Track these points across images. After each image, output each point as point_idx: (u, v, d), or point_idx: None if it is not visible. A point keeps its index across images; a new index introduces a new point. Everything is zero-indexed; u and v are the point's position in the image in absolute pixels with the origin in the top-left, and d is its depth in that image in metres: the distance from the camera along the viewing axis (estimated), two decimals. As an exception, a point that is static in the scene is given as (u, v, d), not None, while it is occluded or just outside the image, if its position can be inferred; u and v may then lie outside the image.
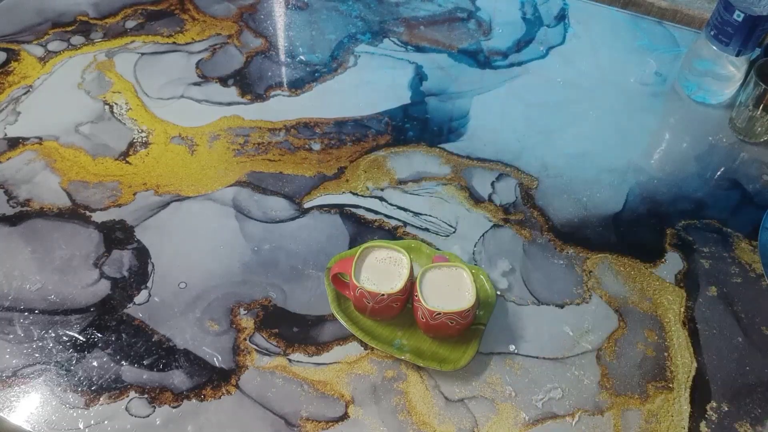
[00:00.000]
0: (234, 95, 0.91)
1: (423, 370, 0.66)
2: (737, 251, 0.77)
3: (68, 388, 0.64)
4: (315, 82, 0.94)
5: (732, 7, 0.83)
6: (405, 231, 0.77)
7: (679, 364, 0.68)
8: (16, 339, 0.67)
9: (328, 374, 0.66)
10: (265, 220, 0.78)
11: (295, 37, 1.00)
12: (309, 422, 0.62)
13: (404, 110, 0.91)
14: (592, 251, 0.77)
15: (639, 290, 0.73)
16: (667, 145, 0.90)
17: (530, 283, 0.74)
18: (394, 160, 0.85)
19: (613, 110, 0.93)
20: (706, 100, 0.94)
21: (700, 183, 0.84)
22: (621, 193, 0.83)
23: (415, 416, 0.63)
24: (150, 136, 0.86)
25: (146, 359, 0.66)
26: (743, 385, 0.67)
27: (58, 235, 0.75)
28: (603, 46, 1.01)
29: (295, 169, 0.83)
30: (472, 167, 0.84)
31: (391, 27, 1.02)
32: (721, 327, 0.71)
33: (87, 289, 0.71)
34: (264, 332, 0.68)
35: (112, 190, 0.80)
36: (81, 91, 0.91)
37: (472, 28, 1.03)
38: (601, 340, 0.69)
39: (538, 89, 0.95)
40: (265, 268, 0.73)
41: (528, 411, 0.64)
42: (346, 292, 0.68)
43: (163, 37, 0.99)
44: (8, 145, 0.84)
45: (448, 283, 0.65)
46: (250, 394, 0.64)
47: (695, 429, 0.64)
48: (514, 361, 0.67)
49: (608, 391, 0.66)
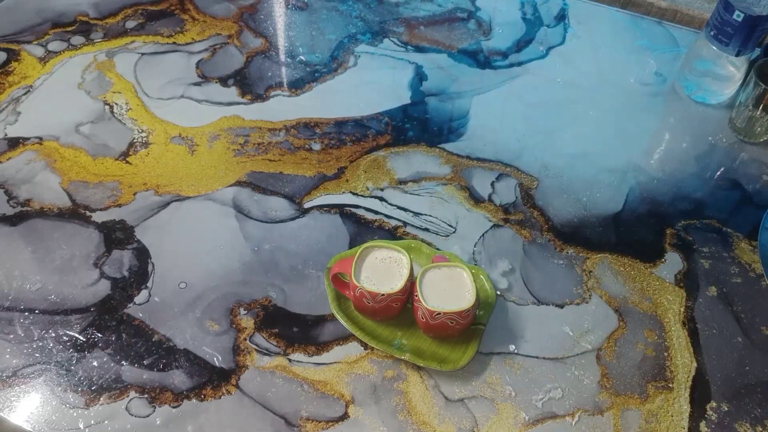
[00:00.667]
0: (234, 95, 0.91)
1: (423, 370, 0.66)
2: (737, 251, 0.77)
3: (68, 388, 0.64)
4: (315, 82, 0.94)
5: (732, 7, 0.83)
6: (405, 231, 0.77)
7: (679, 364, 0.68)
8: (16, 339, 0.67)
9: (328, 374, 0.66)
10: (265, 220, 0.78)
11: (295, 37, 1.00)
12: (309, 422, 0.62)
13: (404, 110, 0.91)
14: (592, 251, 0.77)
15: (639, 290, 0.73)
16: (667, 145, 0.90)
17: (530, 283, 0.74)
18: (394, 160, 0.85)
19: (613, 110, 0.93)
20: (706, 100, 0.94)
21: (700, 183, 0.84)
22: (621, 193, 0.83)
23: (415, 416, 0.63)
24: (150, 136, 0.86)
25: (146, 359, 0.66)
26: (743, 385, 0.67)
27: (59, 235, 0.75)
28: (603, 46, 1.01)
29: (295, 169, 0.83)
30: (472, 167, 0.84)
31: (391, 27, 1.02)
32: (721, 327, 0.71)
33: (87, 289, 0.71)
34: (264, 332, 0.68)
35: (113, 190, 0.80)
36: (81, 91, 0.91)
37: (472, 28, 1.03)
38: (601, 340, 0.69)
39: (538, 89, 0.95)
40: (265, 268, 0.73)
41: (528, 411, 0.64)
42: (346, 292, 0.68)
43: (164, 37, 0.99)
44: (8, 145, 0.84)
45: (448, 283, 0.65)
46: (250, 394, 0.64)
47: (695, 429, 0.64)
48: (514, 361, 0.67)
49: (608, 391, 0.66)
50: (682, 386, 0.66)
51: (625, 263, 0.76)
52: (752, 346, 0.70)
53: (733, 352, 0.69)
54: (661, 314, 0.72)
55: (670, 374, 0.67)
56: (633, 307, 0.72)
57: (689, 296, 0.73)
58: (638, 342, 0.69)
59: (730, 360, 0.68)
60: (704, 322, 0.71)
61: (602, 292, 0.73)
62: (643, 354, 0.68)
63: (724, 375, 0.67)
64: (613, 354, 0.68)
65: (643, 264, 0.76)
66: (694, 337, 0.70)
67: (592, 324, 0.70)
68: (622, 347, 0.69)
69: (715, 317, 0.72)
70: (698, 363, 0.68)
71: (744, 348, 0.69)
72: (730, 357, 0.69)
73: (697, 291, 0.74)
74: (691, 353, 0.69)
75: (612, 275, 0.75)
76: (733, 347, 0.69)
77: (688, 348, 0.69)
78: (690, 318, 0.71)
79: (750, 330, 0.71)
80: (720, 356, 0.69)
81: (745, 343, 0.70)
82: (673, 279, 0.75)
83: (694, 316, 0.72)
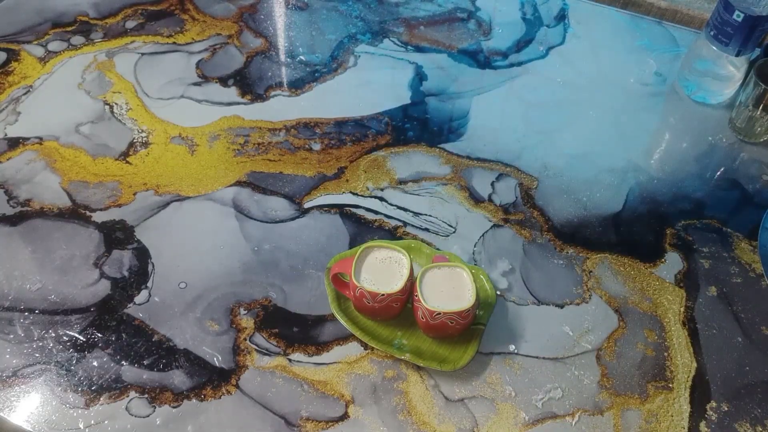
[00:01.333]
0: (234, 95, 0.91)
1: (423, 370, 0.66)
2: (737, 251, 0.77)
3: (68, 388, 0.64)
4: (315, 82, 0.94)
5: (732, 7, 0.83)
6: (405, 231, 0.77)
7: (678, 363, 0.68)
8: (16, 339, 0.67)
9: (328, 374, 0.66)
10: (265, 220, 0.78)
11: (295, 37, 1.00)
12: (309, 422, 0.62)
13: (404, 110, 0.91)
14: (591, 251, 0.77)
15: (639, 290, 0.73)
16: (667, 145, 0.90)
17: (530, 283, 0.74)
18: (394, 160, 0.85)
19: (613, 110, 0.93)
20: (706, 100, 0.94)
21: (700, 183, 0.84)
22: (621, 193, 0.83)
23: (415, 416, 0.63)
24: (150, 136, 0.86)
25: (146, 359, 0.66)
26: (743, 385, 0.67)
27: (59, 235, 0.75)
28: (603, 46, 1.01)
29: (295, 169, 0.83)
30: (472, 167, 0.84)
31: (391, 27, 1.02)
32: (721, 327, 0.71)
33: (87, 289, 0.71)
34: (264, 332, 0.68)
35: (112, 190, 0.80)
36: (81, 91, 0.91)
37: (472, 28, 1.03)
38: (601, 340, 0.69)
39: (538, 89, 0.95)
40: (265, 268, 0.73)
41: (528, 411, 0.64)
42: (346, 292, 0.68)
43: (163, 37, 0.99)
44: (8, 145, 0.84)
45: (448, 283, 0.65)
46: (250, 394, 0.64)
47: (695, 429, 0.64)
48: (514, 361, 0.67)
49: (608, 391, 0.66)
50: (682, 386, 0.66)
51: (625, 263, 0.76)
52: (752, 346, 0.70)
53: (733, 352, 0.69)
54: (661, 314, 0.72)
55: (670, 374, 0.67)
56: (633, 307, 0.72)
57: (689, 296, 0.73)
58: (638, 342, 0.69)
59: (730, 360, 0.68)
60: (704, 322, 0.71)
61: (602, 292, 0.73)
62: (643, 354, 0.68)
63: (724, 375, 0.67)
64: (613, 354, 0.68)
65: (643, 264, 0.76)
66: (694, 337, 0.70)
67: (592, 324, 0.70)
68: (622, 347, 0.69)
69: (715, 317, 0.72)
70: (698, 363, 0.68)
71: (744, 348, 0.69)
72: (730, 357, 0.69)
73: (697, 291, 0.74)
74: (691, 353, 0.69)
75: (612, 275, 0.75)
76: (733, 347, 0.69)
77: (688, 348, 0.69)
78: (690, 318, 0.71)
79: (750, 330, 0.71)
80: (720, 356, 0.69)
81: (745, 343, 0.70)
82: (673, 279, 0.75)
83: (694, 316, 0.72)
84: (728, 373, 0.67)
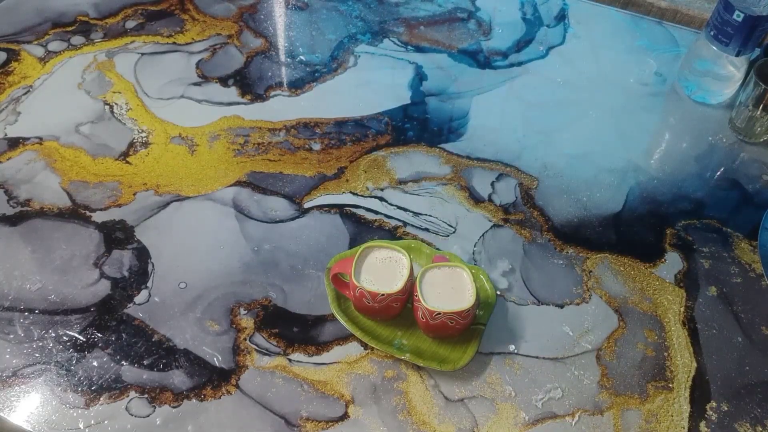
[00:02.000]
0: (234, 95, 0.91)
1: (423, 370, 0.66)
2: (737, 251, 0.77)
3: (68, 388, 0.64)
4: (315, 82, 0.94)
5: (732, 7, 0.83)
6: (405, 231, 0.77)
7: (678, 363, 0.68)
8: (16, 339, 0.67)
9: (328, 374, 0.66)
10: (265, 220, 0.78)
11: (295, 37, 1.00)
12: (309, 422, 0.62)
13: (404, 110, 0.91)
14: (591, 251, 0.77)
15: (639, 290, 0.73)
16: (667, 145, 0.90)
17: (530, 283, 0.74)
18: (394, 160, 0.85)
19: (613, 110, 0.93)
20: (706, 100, 0.94)
21: (700, 183, 0.84)
22: (621, 193, 0.83)
23: (415, 416, 0.63)
24: (150, 136, 0.86)
25: (146, 359, 0.66)
26: (743, 385, 0.67)
27: (59, 235, 0.75)
28: (603, 46, 1.01)
29: (295, 169, 0.83)
30: (472, 167, 0.84)
31: (391, 27, 1.02)
32: (721, 327, 0.71)
33: (87, 289, 0.71)
34: (264, 332, 0.68)
35: (112, 190, 0.80)
36: (81, 91, 0.91)
37: (472, 28, 1.03)
38: (601, 340, 0.69)
39: (538, 89, 0.95)
40: (265, 268, 0.73)
41: (528, 411, 0.64)
42: (346, 292, 0.68)
43: (163, 37, 0.99)
44: (8, 145, 0.84)
45: (448, 283, 0.65)
46: (250, 394, 0.64)
47: (695, 429, 0.64)
48: (514, 361, 0.67)
49: (608, 391, 0.66)
50: (682, 386, 0.66)
51: (625, 263, 0.76)
52: (752, 346, 0.70)
53: (733, 352, 0.69)
54: (661, 314, 0.72)
55: (670, 374, 0.67)
56: (633, 307, 0.72)
57: (689, 296, 0.73)
58: (638, 342, 0.69)
59: (730, 360, 0.68)
60: (704, 322, 0.71)
61: (602, 292, 0.73)
62: (643, 354, 0.68)
63: (724, 375, 0.67)
64: (613, 354, 0.68)
65: (643, 264, 0.76)
66: (694, 337, 0.70)
67: (592, 324, 0.70)
68: (622, 347, 0.69)
69: (715, 317, 0.72)
70: (698, 363, 0.68)
71: (744, 348, 0.69)
72: (730, 357, 0.69)
73: (697, 291, 0.74)
74: (691, 353, 0.69)
75: (612, 275, 0.75)
76: (733, 347, 0.69)
77: (688, 348, 0.69)
78: (690, 318, 0.71)
79: (750, 330, 0.71)
80: (720, 356, 0.69)
81: (745, 343, 0.70)
82: (673, 279, 0.75)
83: (694, 316, 0.72)
84: (728, 373, 0.67)
